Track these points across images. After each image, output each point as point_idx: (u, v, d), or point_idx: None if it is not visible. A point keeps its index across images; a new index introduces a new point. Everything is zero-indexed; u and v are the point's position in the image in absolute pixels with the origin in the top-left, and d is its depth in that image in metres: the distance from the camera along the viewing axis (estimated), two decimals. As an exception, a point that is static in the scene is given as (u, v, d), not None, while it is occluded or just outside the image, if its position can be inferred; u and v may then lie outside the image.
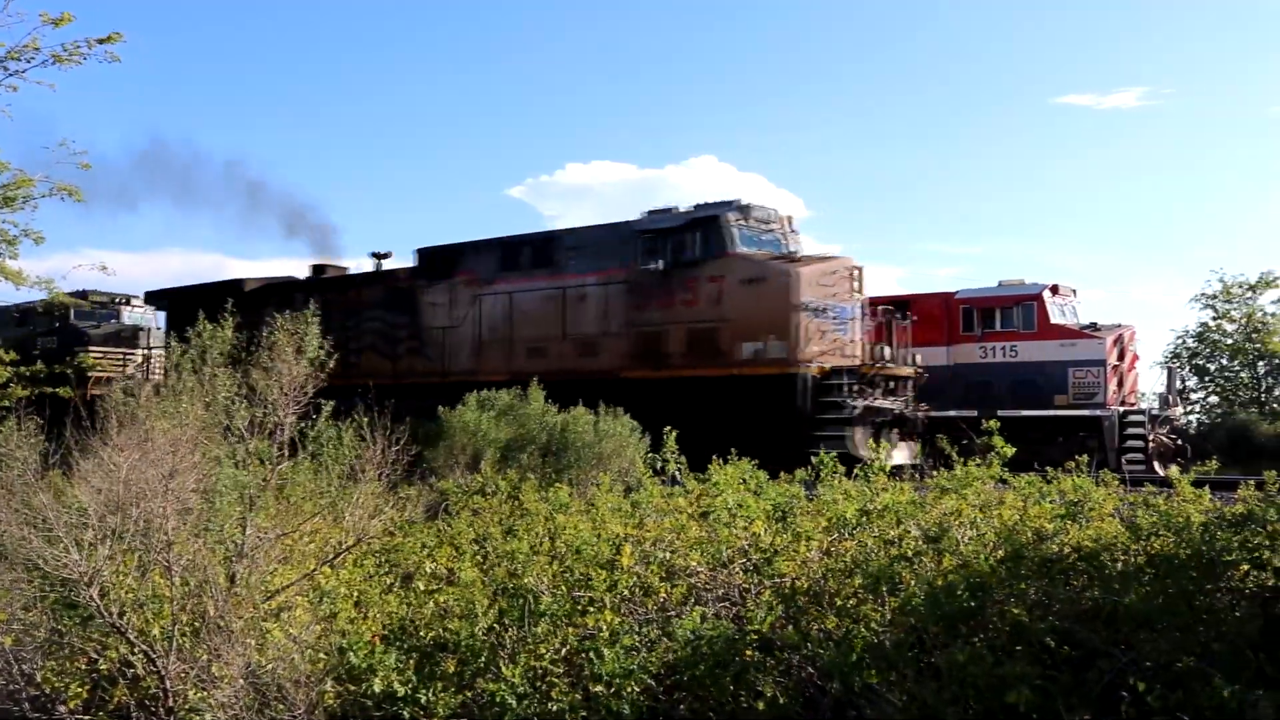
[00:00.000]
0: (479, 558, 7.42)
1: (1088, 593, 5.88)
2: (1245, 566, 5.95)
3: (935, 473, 8.00)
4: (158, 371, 27.26)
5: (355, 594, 6.95)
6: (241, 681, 5.70)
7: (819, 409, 17.95)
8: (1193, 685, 4.81)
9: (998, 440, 7.70)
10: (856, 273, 19.54)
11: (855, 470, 7.54)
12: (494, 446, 13.44)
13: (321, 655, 6.00)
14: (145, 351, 29.93)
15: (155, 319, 30.93)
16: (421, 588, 6.94)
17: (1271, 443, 26.20)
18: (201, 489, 7.10)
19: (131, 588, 6.18)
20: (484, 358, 22.15)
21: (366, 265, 27.29)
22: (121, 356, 29.76)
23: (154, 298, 29.07)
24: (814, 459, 7.54)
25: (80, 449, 7.60)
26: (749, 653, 5.54)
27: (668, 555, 6.45)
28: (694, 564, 6.28)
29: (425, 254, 23.78)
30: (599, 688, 5.54)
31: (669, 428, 8.06)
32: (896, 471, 8.10)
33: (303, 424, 7.93)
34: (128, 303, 31.53)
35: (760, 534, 6.44)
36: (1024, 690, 4.93)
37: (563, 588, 6.17)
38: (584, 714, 5.51)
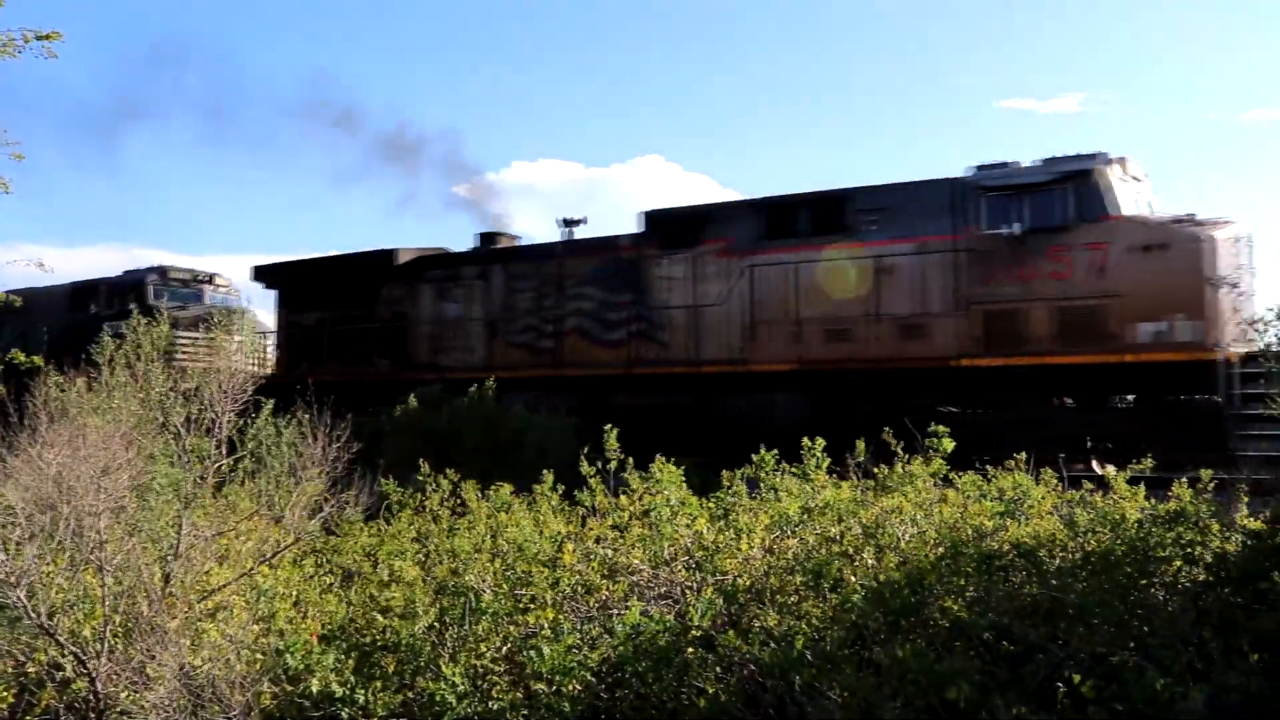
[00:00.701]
0: (420, 556, 7.35)
1: (1026, 589, 5.95)
2: (1178, 562, 6.05)
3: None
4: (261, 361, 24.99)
5: (294, 594, 6.86)
6: (175, 683, 5.59)
7: (1244, 403, 14.17)
8: (1127, 678, 4.87)
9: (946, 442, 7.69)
10: (1249, 240, 15.83)
11: (793, 468, 7.56)
12: (434, 445, 13.33)
13: (259, 655, 5.91)
14: (241, 338, 26.07)
15: (243, 299, 27.29)
16: (361, 587, 6.85)
17: None
18: (136, 486, 6.97)
19: (61, 588, 6.05)
20: (757, 344, 17.33)
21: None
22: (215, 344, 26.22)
23: (265, 274, 24.52)
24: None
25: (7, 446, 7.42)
26: (690, 650, 5.54)
27: (609, 553, 6.43)
28: (636, 562, 6.26)
29: (657, 219, 19.00)
30: (540, 685, 5.51)
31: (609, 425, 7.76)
32: None
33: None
34: (210, 281, 27.41)
35: (703, 531, 6.44)
36: (963, 686, 4.97)
37: (504, 586, 6.13)
38: (525, 712, 5.47)
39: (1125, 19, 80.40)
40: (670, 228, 18.73)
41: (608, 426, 7.45)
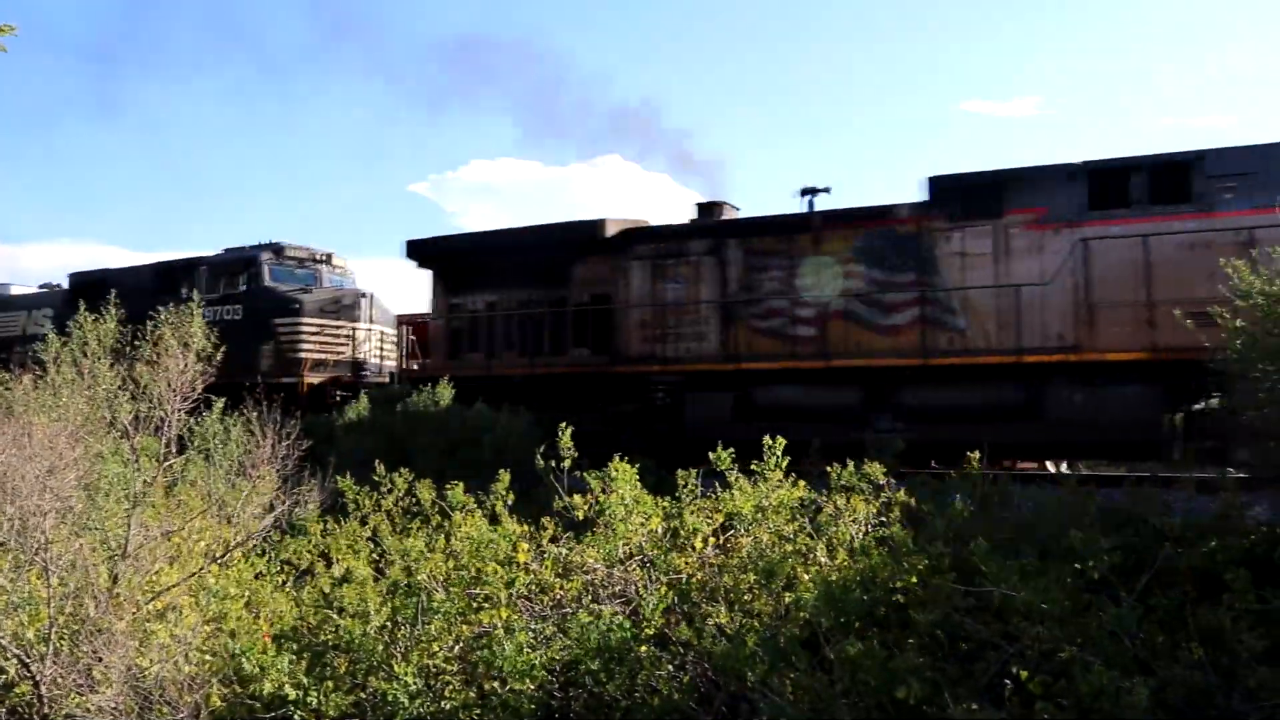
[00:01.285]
0: (374, 556, 7.29)
1: (977, 588, 6.00)
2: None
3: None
4: (389, 354, 22.51)
5: (245, 594, 6.78)
6: (123, 685, 5.52)
7: None
8: (1074, 674, 4.93)
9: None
10: None
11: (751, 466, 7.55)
12: (389, 446, 13.24)
13: (209, 656, 5.84)
14: (368, 327, 22.27)
15: (352, 281, 23.65)
16: (314, 587, 6.79)
17: None
18: (84, 486, 6.86)
19: (4, 589, 5.94)
20: (1095, 329, 14.66)
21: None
22: (346, 332, 21.92)
23: (421, 250, 20.67)
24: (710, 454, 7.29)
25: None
26: (644, 649, 5.54)
27: (564, 552, 6.42)
28: (590, 560, 6.25)
29: (945, 186, 16.07)
30: (494, 684, 5.49)
31: (563, 423, 7.68)
32: None
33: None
34: (328, 261, 23.40)
35: (656, 530, 6.44)
36: (913, 685, 5.01)
37: (457, 585, 6.10)
38: (478, 712, 5.46)
39: (1080, 23, 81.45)
40: (962, 196, 15.82)
41: (562, 425, 7.40)
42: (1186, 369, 13.07)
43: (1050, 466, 14.38)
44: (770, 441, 7.34)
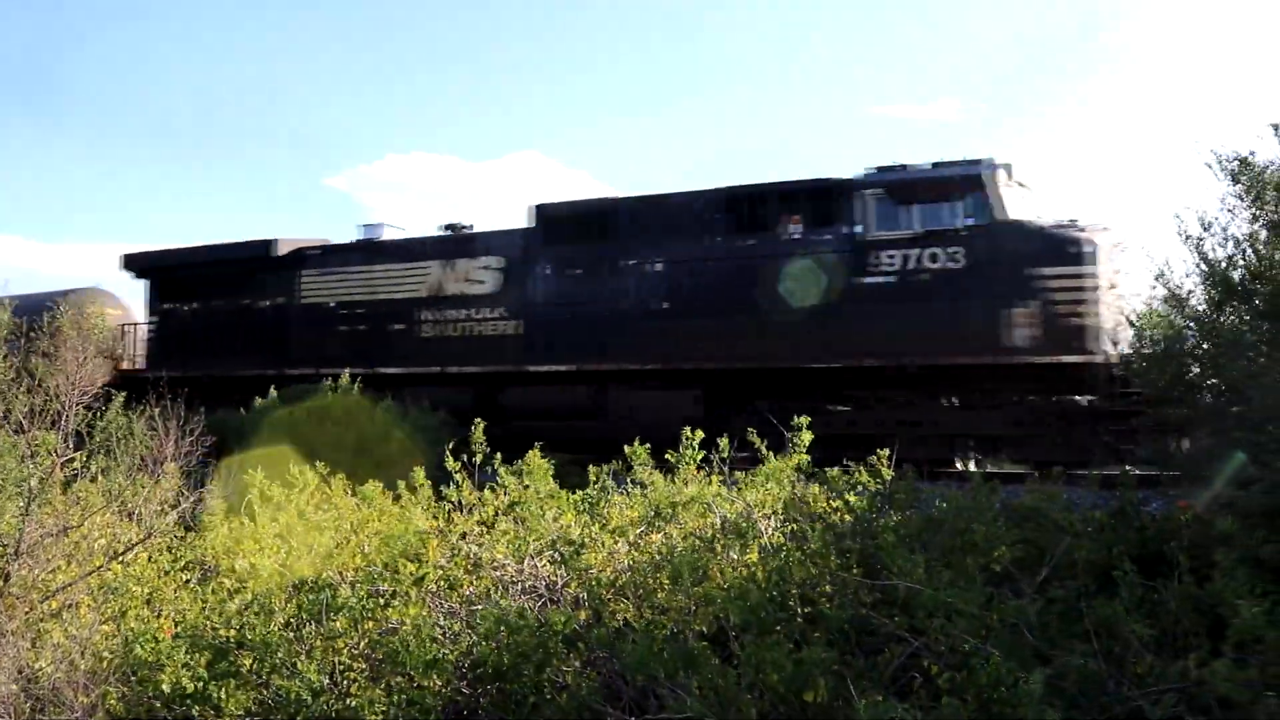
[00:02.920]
0: (282, 553, 7.18)
1: (885, 581, 6.10)
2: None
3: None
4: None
5: (147, 591, 6.64)
6: (13, 686, 5.36)
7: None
8: (975, 665, 5.03)
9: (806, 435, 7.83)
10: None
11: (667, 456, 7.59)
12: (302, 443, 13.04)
13: (105, 655, 5.70)
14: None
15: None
16: (219, 584, 6.67)
17: None
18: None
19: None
20: None
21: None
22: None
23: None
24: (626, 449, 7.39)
25: None
26: (552, 644, 5.53)
27: (475, 548, 6.38)
28: (500, 556, 6.23)
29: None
30: (400, 680, 5.44)
31: (478, 419, 7.74)
32: None
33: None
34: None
35: (569, 525, 6.44)
36: (820, 683, 5.06)
37: (364, 582, 6.03)
38: (384, 709, 5.40)
39: (997, 27, 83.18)
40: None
41: (477, 421, 7.38)
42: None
43: (959, 464, 14.72)
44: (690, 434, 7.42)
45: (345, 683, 5.58)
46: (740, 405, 15.08)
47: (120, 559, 6.65)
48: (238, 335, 20.21)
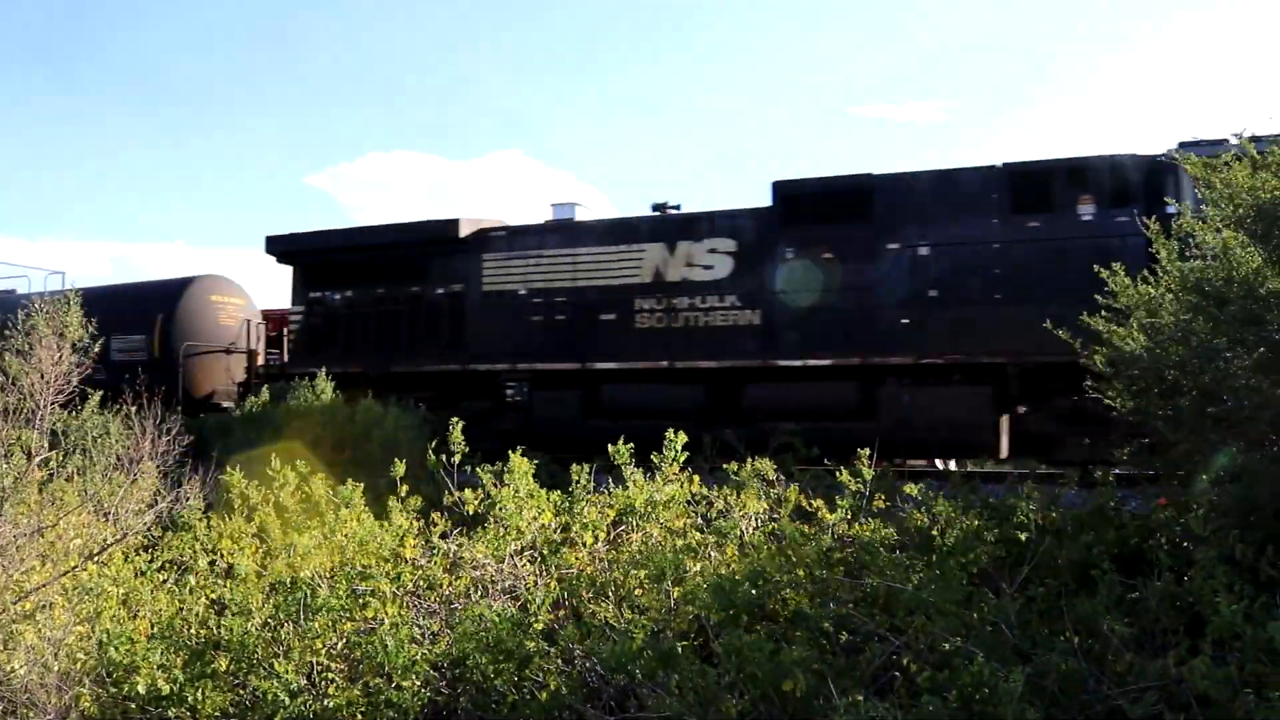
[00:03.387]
0: (260, 553, 7.12)
1: (865, 581, 6.10)
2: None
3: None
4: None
5: (123, 592, 6.56)
6: (-15, 687, 5.29)
7: None
8: (956, 663, 5.03)
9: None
10: None
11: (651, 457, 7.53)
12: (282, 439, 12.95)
13: (80, 656, 5.64)
14: None
15: None
16: (194, 583, 6.60)
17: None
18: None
19: None
20: None
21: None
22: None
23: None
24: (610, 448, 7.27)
25: None
26: (532, 643, 5.50)
27: (453, 548, 6.34)
28: (480, 556, 6.19)
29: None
30: (379, 681, 5.40)
31: (455, 419, 7.61)
32: None
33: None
34: None
35: (548, 525, 6.41)
36: (800, 678, 5.05)
37: (342, 581, 5.98)
38: (362, 709, 5.36)
39: (984, 23, 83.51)
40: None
41: (454, 420, 7.32)
42: None
43: (939, 464, 14.74)
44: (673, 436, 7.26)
45: (323, 683, 5.54)
46: (1039, 401, 13.64)
47: (96, 559, 6.57)
48: (403, 326, 17.95)
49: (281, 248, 19.61)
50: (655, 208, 17.06)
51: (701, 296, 15.64)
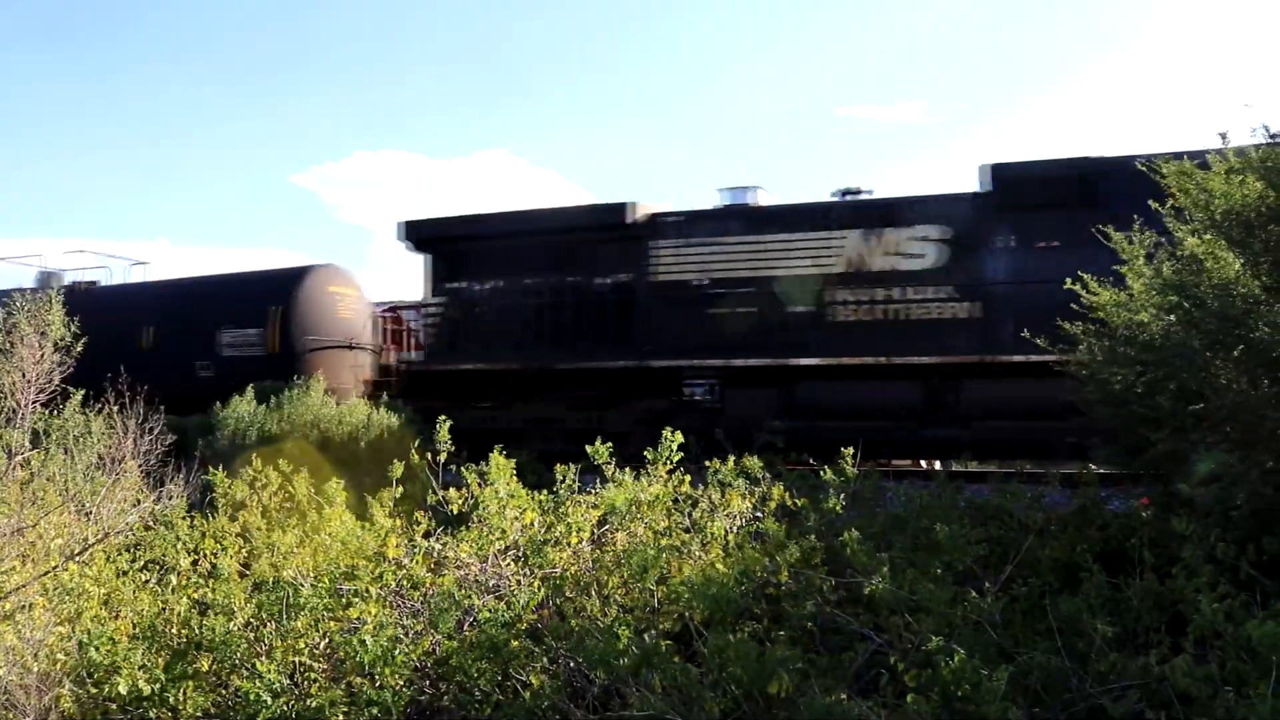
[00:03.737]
0: (243, 553, 7.09)
1: (849, 581, 6.11)
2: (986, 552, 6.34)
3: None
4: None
5: (105, 592, 6.53)
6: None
7: None
8: (940, 662, 5.04)
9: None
10: None
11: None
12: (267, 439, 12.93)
13: (60, 656, 5.60)
14: None
15: None
16: (176, 582, 6.56)
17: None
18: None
19: None
20: None
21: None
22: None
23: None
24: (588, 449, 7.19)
25: None
26: (516, 643, 5.50)
27: (437, 547, 6.33)
28: (464, 555, 6.18)
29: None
30: (361, 680, 5.38)
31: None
32: None
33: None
34: None
35: (532, 524, 6.39)
36: (784, 678, 5.06)
37: (325, 580, 5.96)
38: (345, 709, 5.34)
39: (969, 25, 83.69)
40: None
41: (441, 419, 7.29)
42: None
43: (923, 463, 14.76)
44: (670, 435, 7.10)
45: (305, 683, 5.52)
46: None
47: (77, 559, 6.53)
48: (563, 319, 16.65)
49: (419, 235, 18.04)
50: (843, 193, 15.80)
51: (908, 287, 14.50)
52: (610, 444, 6.89)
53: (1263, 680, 4.34)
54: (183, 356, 19.27)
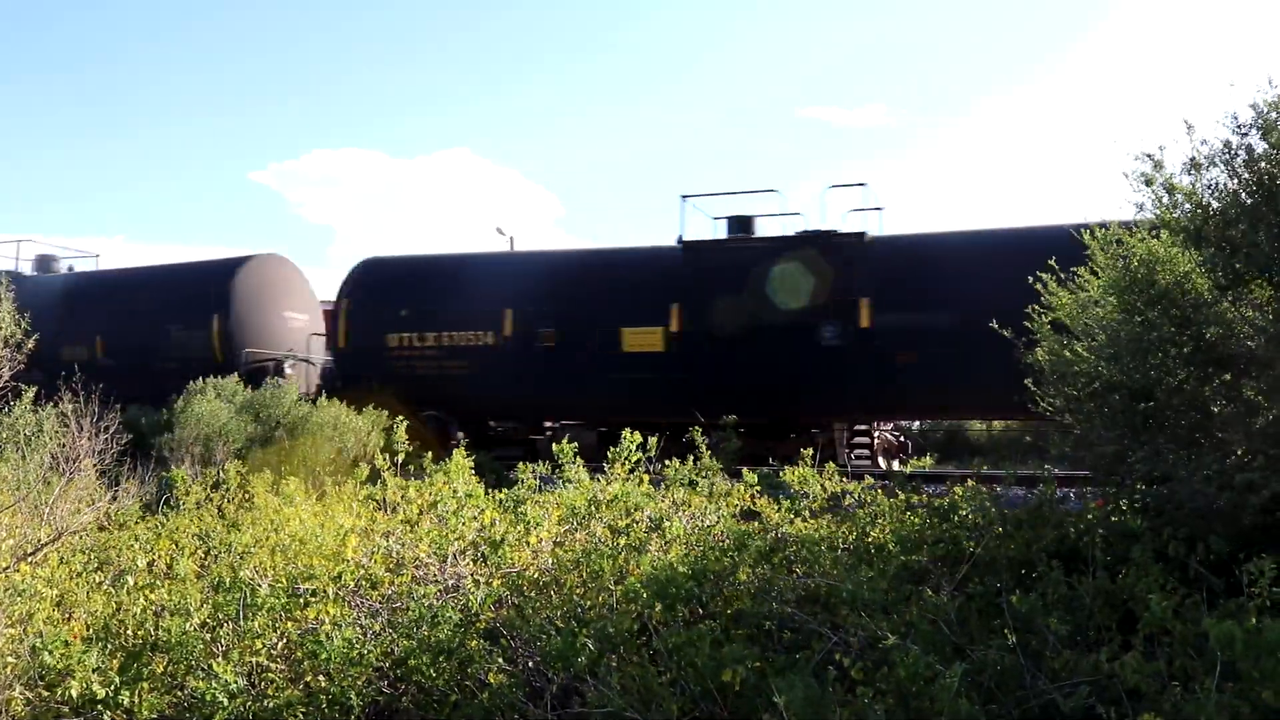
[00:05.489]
0: (201, 553, 7.04)
1: (807, 579, 6.16)
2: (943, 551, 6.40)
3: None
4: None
5: (57, 593, 6.45)
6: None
7: None
8: (894, 659, 5.09)
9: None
10: None
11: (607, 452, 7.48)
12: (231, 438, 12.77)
13: (11, 660, 5.53)
14: None
15: None
16: (132, 583, 6.50)
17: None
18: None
19: None
20: None
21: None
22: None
23: None
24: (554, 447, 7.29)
25: None
26: (474, 642, 5.49)
27: (397, 546, 6.31)
28: (422, 554, 6.17)
29: None
30: (320, 680, 5.36)
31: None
32: None
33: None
34: None
35: (492, 523, 6.40)
36: (739, 669, 5.09)
37: (283, 580, 5.93)
38: (304, 710, 5.32)
39: (929, 28, 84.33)
40: None
41: (399, 419, 7.28)
42: None
43: (882, 463, 14.92)
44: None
45: (263, 684, 5.48)
46: None
47: (29, 559, 6.45)
48: None
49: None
50: None
51: None
52: (575, 445, 6.97)
53: (1209, 675, 4.42)
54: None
